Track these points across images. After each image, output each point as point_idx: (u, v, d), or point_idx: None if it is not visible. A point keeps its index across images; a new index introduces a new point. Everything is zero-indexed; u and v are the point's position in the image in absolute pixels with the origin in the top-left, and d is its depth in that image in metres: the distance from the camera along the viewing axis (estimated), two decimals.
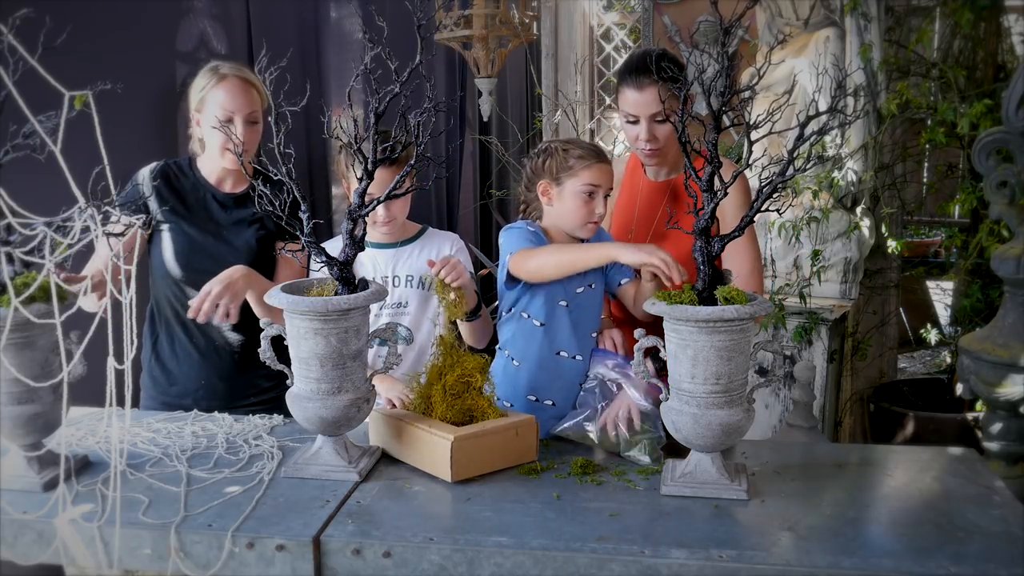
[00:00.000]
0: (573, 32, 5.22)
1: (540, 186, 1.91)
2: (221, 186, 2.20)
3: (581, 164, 1.86)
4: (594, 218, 1.87)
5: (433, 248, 2.18)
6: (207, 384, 2.18)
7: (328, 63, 3.62)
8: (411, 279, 2.13)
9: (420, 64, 1.55)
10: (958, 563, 1.30)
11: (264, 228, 2.20)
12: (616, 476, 1.64)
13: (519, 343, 1.92)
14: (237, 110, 2.09)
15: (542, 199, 1.92)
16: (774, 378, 1.63)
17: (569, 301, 1.88)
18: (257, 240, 2.19)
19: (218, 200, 2.19)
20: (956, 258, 4.27)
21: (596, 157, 1.87)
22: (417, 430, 1.66)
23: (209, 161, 2.19)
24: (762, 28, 3.72)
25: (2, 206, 1.16)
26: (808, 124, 1.51)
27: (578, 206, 1.87)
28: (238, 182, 2.22)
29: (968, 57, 3.82)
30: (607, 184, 1.88)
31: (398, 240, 2.16)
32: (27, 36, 1.22)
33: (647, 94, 1.96)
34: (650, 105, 1.96)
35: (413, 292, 2.12)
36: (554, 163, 1.89)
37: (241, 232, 2.19)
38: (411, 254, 2.16)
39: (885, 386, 4.10)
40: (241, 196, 2.21)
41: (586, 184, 1.86)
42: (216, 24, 3.09)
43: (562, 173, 1.87)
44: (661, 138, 1.99)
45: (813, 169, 3.37)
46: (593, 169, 1.86)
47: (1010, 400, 2.46)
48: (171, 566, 1.39)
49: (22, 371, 1.40)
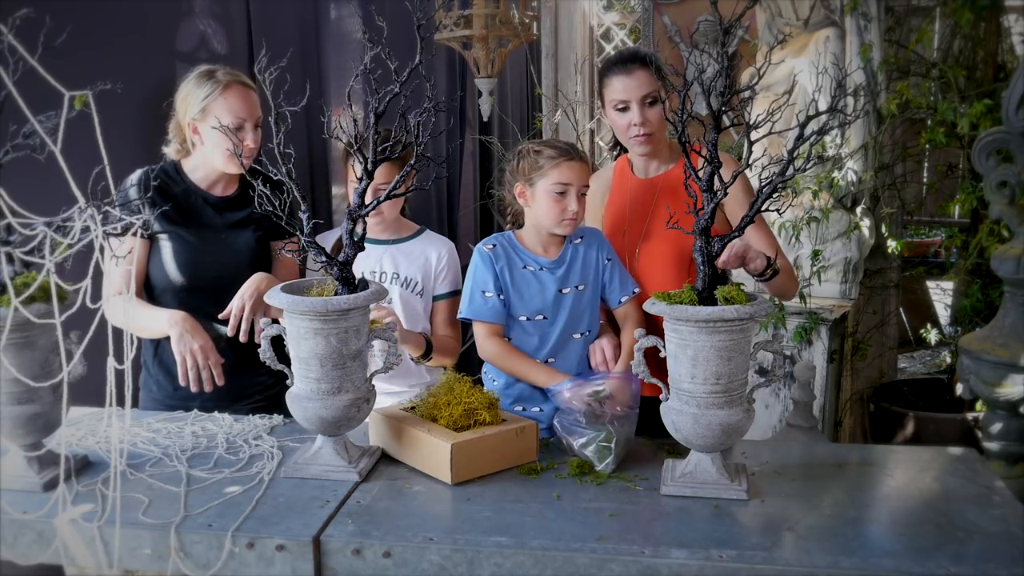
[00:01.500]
0: (573, 32, 5.22)
1: (516, 188, 1.94)
2: (213, 190, 2.19)
3: (551, 163, 1.88)
4: (568, 215, 1.89)
5: (424, 251, 2.22)
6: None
7: (328, 63, 3.62)
8: (396, 276, 2.17)
9: (420, 64, 1.55)
10: (958, 563, 1.30)
11: (261, 228, 2.20)
12: (616, 476, 1.63)
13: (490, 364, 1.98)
14: (248, 116, 2.09)
15: (519, 201, 1.94)
16: (774, 378, 1.62)
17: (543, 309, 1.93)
18: (257, 240, 2.19)
19: (211, 204, 2.18)
20: (956, 258, 4.27)
21: (565, 155, 1.88)
22: (417, 432, 1.66)
23: (203, 166, 2.17)
24: (762, 28, 3.72)
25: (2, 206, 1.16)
26: (808, 124, 1.51)
27: (550, 205, 1.88)
28: (229, 184, 2.21)
29: (968, 57, 3.82)
30: (579, 181, 1.89)
31: (391, 237, 2.18)
32: (27, 36, 1.22)
33: (636, 77, 1.99)
34: (640, 87, 1.99)
35: (396, 289, 2.18)
36: (526, 165, 1.92)
37: (240, 234, 2.18)
38: (401, 253, 2.19)
39: (885, 386, 4.10)
40: (234, 198, 2.21)
41: (556, 183, 1.87)
42: (216, 24, 3.09)
43: (534, 174, 1.90)
44: (653, 120, 2.01)
45: (813, 169, 3.37)
46: (562, 167, 1.87)
47: (1010, 400, 2.46)
48: (171, 566, 1.39)
49: (22, 371, 1.40)
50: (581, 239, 1.99)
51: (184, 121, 2.12)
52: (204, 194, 2.18)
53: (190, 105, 2.09)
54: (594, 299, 1.97)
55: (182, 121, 2.13)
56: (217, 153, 2.10)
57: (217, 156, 2.11)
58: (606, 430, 1.66)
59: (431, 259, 2.22)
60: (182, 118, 2.13)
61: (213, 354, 1.99)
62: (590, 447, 1.66)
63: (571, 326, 1.94)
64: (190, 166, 2.18)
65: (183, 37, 2.95)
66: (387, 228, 2.20)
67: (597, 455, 1.65)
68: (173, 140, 2.20)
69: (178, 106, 2.13)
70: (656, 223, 2.06)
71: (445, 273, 2.25)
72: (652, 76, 1.97)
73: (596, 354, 1.94)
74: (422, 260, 2.22)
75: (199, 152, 2.15)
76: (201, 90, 2.08)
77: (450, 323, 2.25)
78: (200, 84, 2.09)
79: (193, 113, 2.09)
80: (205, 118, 2.08)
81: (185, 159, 2.19)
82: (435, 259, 2.23)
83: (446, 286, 2.26)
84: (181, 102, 2.12)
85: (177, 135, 2.19)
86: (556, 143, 1.93)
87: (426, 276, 2.21)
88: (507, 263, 1.92)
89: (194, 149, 2.16)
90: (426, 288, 2.22)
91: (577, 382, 1.78)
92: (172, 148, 2.20)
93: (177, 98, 2.14)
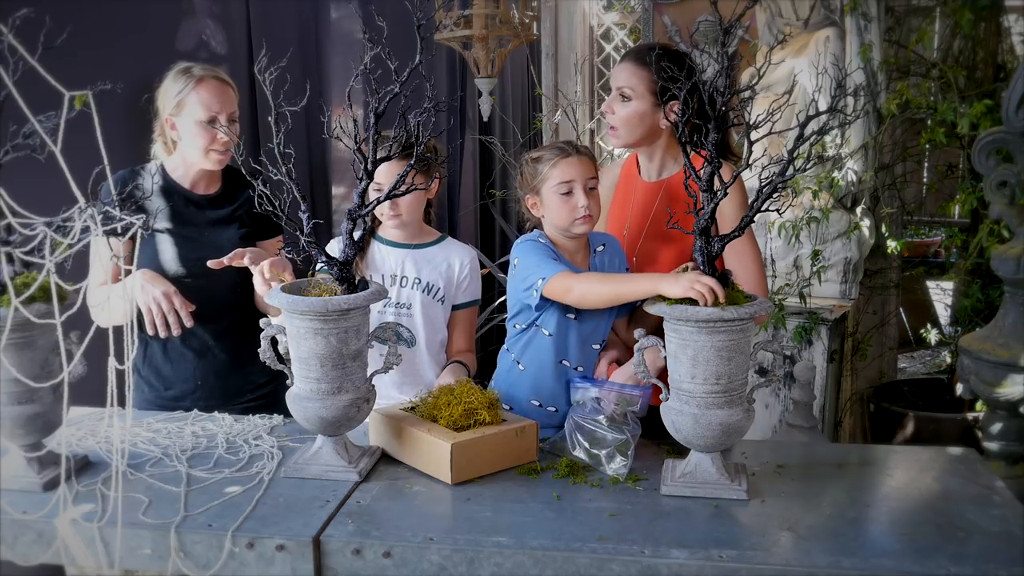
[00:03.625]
0: (573, 32, 5.22)
1: (528, 201, 1.93)
2: (195, 188, 2.20)
3: (549, 165, 1.87)
4: (579, 213, 1.85)
5: (447, 258, 2.14)
6: (203, 384, 2.18)
7: (328, 63, 3.62)
8: (418, 281, 2.10)
9: (420, 64, 1.55)
10: (958, 563, 1.30)
11: (244, 226, 2.21)
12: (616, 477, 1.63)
13: (528, 350, 1.93)
14: (221, 109, 2.10)
15: (533, 213, 1.93)
16: (774, 378, 1.63)
17: (578, 313, 1.88)
18: (240, 238, 2.19)
19: (194, 202, 2.19)
20: (956, 258, 4.27)
21: (561, 153, 1.87)
22: (417, 432, 1.66)
23: (183, 164, 2.18)
24: (762, 28, 3.72)
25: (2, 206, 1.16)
26: (808, 124, 1.51)
27: (559, 205, 1.87)
28: (211, 183, 2.22)
29: (968, 57, 3.82)
30: (583, 176, 1.86)
31: (413, 242, 2.12)
32: (27, 36, 1.22)
33: (621, 69, 2.01)
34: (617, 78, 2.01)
35: (418, 295, 2.10)
36: (528, 174, 1.91)
37: (223, 231, 2.19)
38: (424, 258, 2.12)
39: (885, 386, 4.10)
40: (216, 197, 2.22)
41: (558, 182, 1.86)
42: (216, 24, 3.09)
43: (536, 181, 1.89)
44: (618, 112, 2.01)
45: (813, 169, 3.37)
46: (560, 165, 1.86)
47: (1010, 400, 2.46)
48: (171, 566, 1.39)
49: (22, 371, 1.40)
50: (603, 247, 1.96)
51: (163, 117, 2.15)
52: (186, 192, 2.19)
53: (167, 100, 2.12)
54: (611, 314, 1.95)
55: (162, 117, 2.16)
56: (192, 148, 2.13)
57: (192, 151, 2.13)
58: (626, 436, 1.67)
59: (454, 266, 2.14)
60: (162, 114, 2.16)
61: (178, 297, 1.99)
62: (606, 450, 1.66)
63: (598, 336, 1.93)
64: (171, 165, 2.21)
65: (183, 37, 2.95)
66: (409, 232, 2.12)
67: (613, 459, 1.65)
68: (158, 139, 2.22)
69: (158, 103, 2.16)
70: (659, 226, 2.05)
71: (468, 282, 2.16)
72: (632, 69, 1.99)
73: (601, 365, 1.92)
74: (444, 267, 2.13)
75: (178, 149, 2.18)
76: (176, 85, 2.11)
77: (468, 334, 2.19)
78: (176, 80, 2.12)
79: (169, 108, 2.12)
80: (180, 112, 2.10)
81: (167, 159, 2.21)
82: (458, 267, 2.14)
83: (468, 295, 2.17)
84: (160, 99, 2.15)
85: (160, 133, 2.21)
86: (551, 145, 1.92)
87: (448, 283, 2.13)
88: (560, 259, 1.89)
89: (174, 147, 2.19)
90: (447, 296, 2.13)
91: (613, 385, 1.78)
92: (157, 146, 2.23)
93: (157, 96, 2.16)
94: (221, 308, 2.16)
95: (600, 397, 1.76)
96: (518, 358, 1.94)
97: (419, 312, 2.10)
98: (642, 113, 2.00)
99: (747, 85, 1.57)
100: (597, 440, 1.68)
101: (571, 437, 1.71)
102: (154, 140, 2.23)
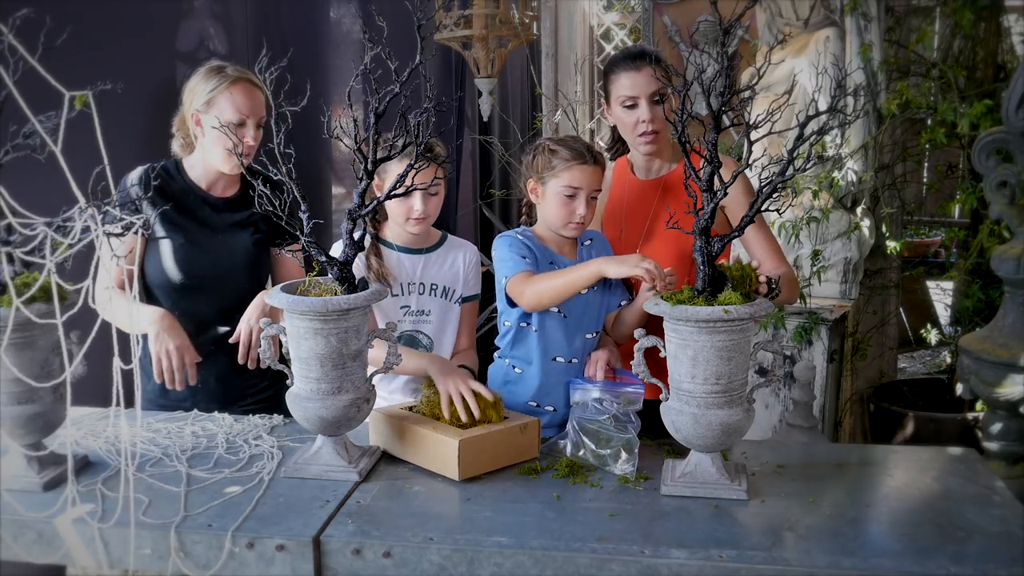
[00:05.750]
0: (573, 32, 5.22)
1: (529, 184, 1.93)
2: (212, 190, 2.18)
3: (563, 165, 1.86)
4: (575, 219, 1.87)
5: (454, 257, 2.14)
6: (204, 387, 2.16)
7: (328, 63, 3.62)
8: (435, 288, 2.09)
9: (420, 64, 1.55)
10: (958, 563, 1.30)
11: (259, 231, 2.19)
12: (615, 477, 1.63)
13: (517, 348, 1.93)
14: (251, 113, 2.08)
15: (531, 196, 1.94)
16: (774, 378, 1.63)
17: (562, 306, 1.88)
18: (253, 243, 2.18)
19: (210, 204, 2.17)
20: (956, 258, 4.27)
21: (579, 159, 1.86)
22: (422, 430, 1.66)
23: (201, 164, 2.16)
24: (762, 28, 3.72)
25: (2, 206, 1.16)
26: (808, 124, 1.51)
27: (559, 206, 1.87)
28: (229, 185, 2.20)
29: (968, 57, 3.82)
30: (590, 186, 1.87)
31: (423, 246, 2.11)
32: (27, 36, 1.22)
33: (644, 74, 1.98)
34: (648, 84, 1.98)
35: (435, 301, 2.09)
36: (540, 162, 1.90)
37: (237, 235, 2.18)
38: (435, 262, 2.11)
39: (885, 386, 4.10)
40: (233, 200, 2.20)
41: (566, 186, 1.86)
42: (216, 24, 3.09)
43: (546, 172, 1.88)
44: (660, 118, 2.00)
45: (813, 169, 3.37)
46: (574, 171, 1.86)
47: (1010, 400, 2.46)
48: (171, 566, 1.39)
49: (22, 371, 1.40)
50: (591, 241, 1.98)
51: (188, 112, 2.12)
52: (203, 194, 2.17)
53: (196, 96, 2.09)
54: (601, 302, 1.96)
55: (186, 112, 2.13)
56: (215, 149, 2.09)
57: (215, 153, 2.10)
58: (631, 434, 1.67)
59: (459, 264, 2.13)
60: (187, 110, 2.12)
61: (189, 353, 1.98)
62: (612, 449, 1.66)
63: (586, 326, 1.93)
64: (190, 164, 2.18)
65: (183, 37, 2.95)
66: (422, 236, 2.10)
67: (620, 458, 1.65)
68: (177, 135, 2.19)
69: (184, 98, 2.14)
70: (658, 224, 2.05)
71: (471, 276, 2.16)
72: (658, 74, 1.97)
73: (591, 367, 1.92)
74: (453, 266, 2.13)
75: (199, 148, 2.14)
76: (209, 83, 2.08)
77: (470, 330, 2.18)
78: (208, 77, 2.09)
79: (198, 104, 2.08)
80: (209, 110, 2.07)
81: (186, 157, 2.19)
82: (462, 263, 2.14)
83: (470, 289, 2.17)
84: (187, 94, 2.12)
85: (181, 129, 2.18)
86: (573, 144, 1.90)
87: (458, 281, 2.13)
88: (535, 258, 1.89)
89: (196, 143, 2.15)
90: (457, 293, 2.14)
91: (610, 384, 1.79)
92: (176, 143, 2.20)
93: (184, 91, 2.14)
94: (227, 313, 2.14)
95: (602, 398, 1.76)
96: (511, 360, 1.95)
97: (437, 317, 2.10)
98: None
99: (747, 85, 1.57)
100: (603, 440, 1.68)
101: (575, 438, 1.71)
102: (174, 135, 2.20)
